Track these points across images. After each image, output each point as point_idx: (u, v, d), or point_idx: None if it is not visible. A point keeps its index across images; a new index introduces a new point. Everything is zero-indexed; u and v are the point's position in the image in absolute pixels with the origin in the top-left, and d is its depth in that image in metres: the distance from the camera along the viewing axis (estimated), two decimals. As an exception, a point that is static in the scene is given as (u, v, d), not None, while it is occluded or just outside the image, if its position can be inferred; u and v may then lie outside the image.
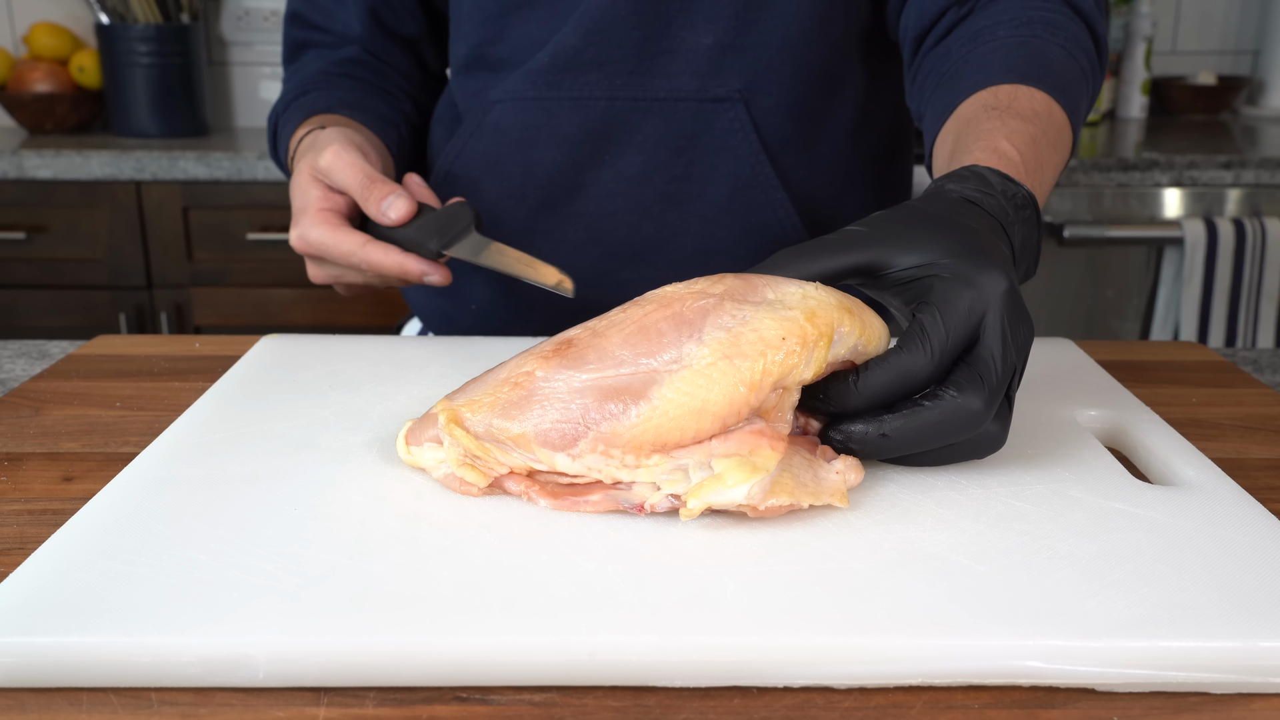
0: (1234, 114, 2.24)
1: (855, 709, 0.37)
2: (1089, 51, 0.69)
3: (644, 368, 0.46)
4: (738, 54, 0.77)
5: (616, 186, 0.80)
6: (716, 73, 0.77)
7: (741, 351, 0.46)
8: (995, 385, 0.46)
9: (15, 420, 0.61)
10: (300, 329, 1.81)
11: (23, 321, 1.84)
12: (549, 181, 0.81)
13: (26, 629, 0.38)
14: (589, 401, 0.46)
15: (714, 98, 0.78)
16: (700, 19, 0.76)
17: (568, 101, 0.79)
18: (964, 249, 0.48)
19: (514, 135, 0.81)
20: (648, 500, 0.46)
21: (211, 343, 0.75)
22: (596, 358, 0.47)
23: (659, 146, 0.79)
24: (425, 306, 0.91)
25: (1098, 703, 0.37)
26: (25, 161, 1.77)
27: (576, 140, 0.80)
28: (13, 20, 2.14)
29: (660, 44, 0.77)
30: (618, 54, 0.77)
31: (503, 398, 0.48)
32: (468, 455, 0.48)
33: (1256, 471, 0.55)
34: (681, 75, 0.78)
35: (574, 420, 0.46)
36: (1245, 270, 1.69)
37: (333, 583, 0.41)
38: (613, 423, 0.46)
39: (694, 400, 0.45)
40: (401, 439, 0.51)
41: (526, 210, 0.82)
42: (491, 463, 0.48)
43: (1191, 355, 0.74)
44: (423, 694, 0.37)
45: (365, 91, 0.86)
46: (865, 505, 0.47)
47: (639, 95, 0.78)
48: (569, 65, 0.78)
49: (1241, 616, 0.39)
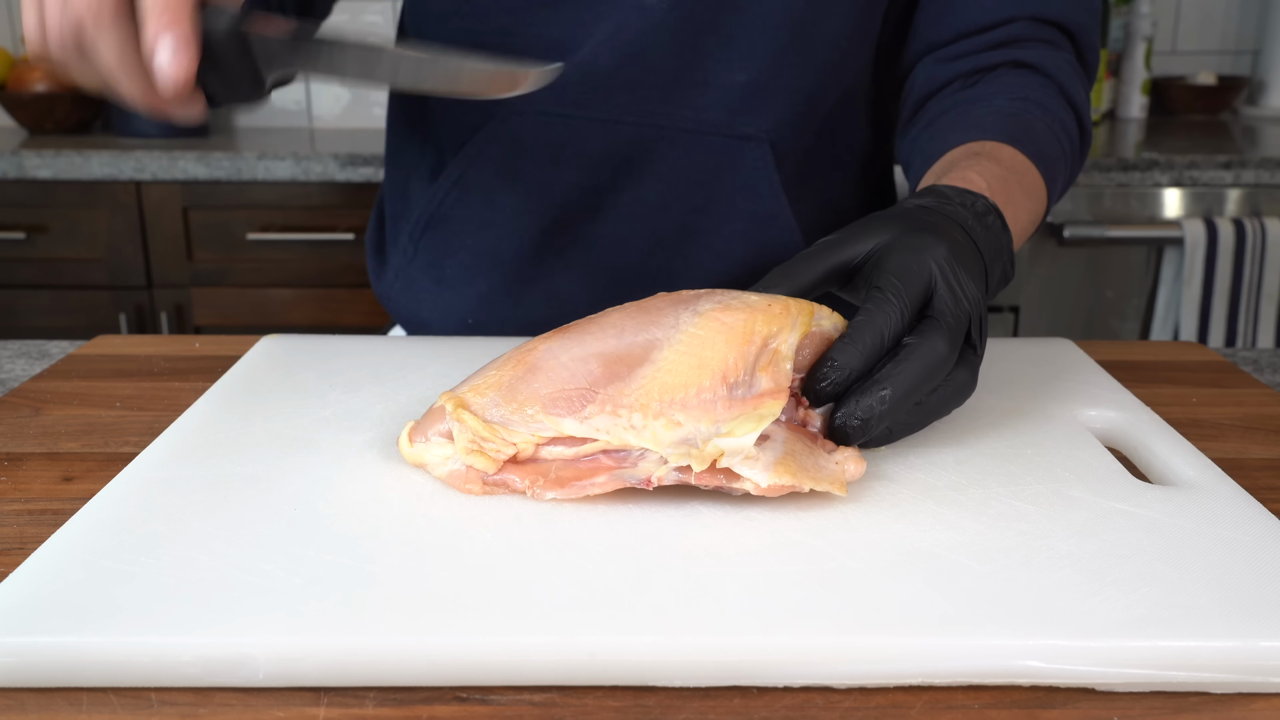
0: (1234, 114, 2.24)
1: (855, 709, 0.37)
2: (1073, 139, 0.75)
3: (645, 336, 0.50)
4: (770, 95, 0.77)
5: (634, 211, 0.80)
6: (746, 111, 0.77)
7: (732, 311, 0.50)
8: (953, 326, 0.51)
9: (15, 420, 0.61)
10: (300, 329, 1.81)
11: (23, 321, 1.84)
12: (566, 201, 0.80)
13: (26, 629, 0.38)
14: (593, 368, 0.48)
15: (741, 135, 0.78)
16: (736, 56, 0.76)
17: (594, 122, 0.78)
18: (908, 228, 0.55)
19: (536, 150, 0.79)
20: (654, 474, 0.46)
21: (211, 343, 0.75)
22: (598, 330, 0.51)
23: (681, 177, 0.79)
24: (408, 317, 0.90)
25: (1098, 703, 0.37)
26: (25, 161, 1.77)
27: (599, 162, 0.78)
28: (13, 20, 2.14)
29: (694, 75, 0.76)
30: (650, 80, 0.76)
31: (506, 376, 0.49)
32: (475, 440, 0.48)
33: (1256, 471, 0.55)
34: (711, 109, 0.77)
35: (580, 386, 0.48)
36: (1245, 270, 1.69)
37: (333, 583, 0.41)
38: (619, 384, 0.48)
39: (692, 357, 0.48)
40: (405, 436, 0.50)
41: (540, 226, 0.81)
42: (499, 444, 0.47)
43: (1191, 355, 0.74)
44: (423, 694, 0.37)
45: None
46: (865, 505, 0.47)
47: (666, 124, 0.77)
48: (599, 85, 0.77)
49: (1241, 616, 0.39)
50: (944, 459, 0.52)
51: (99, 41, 0.52)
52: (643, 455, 0.47)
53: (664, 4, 0.74)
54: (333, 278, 1.84)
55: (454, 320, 0.86)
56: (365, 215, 1.81)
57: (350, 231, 1.81)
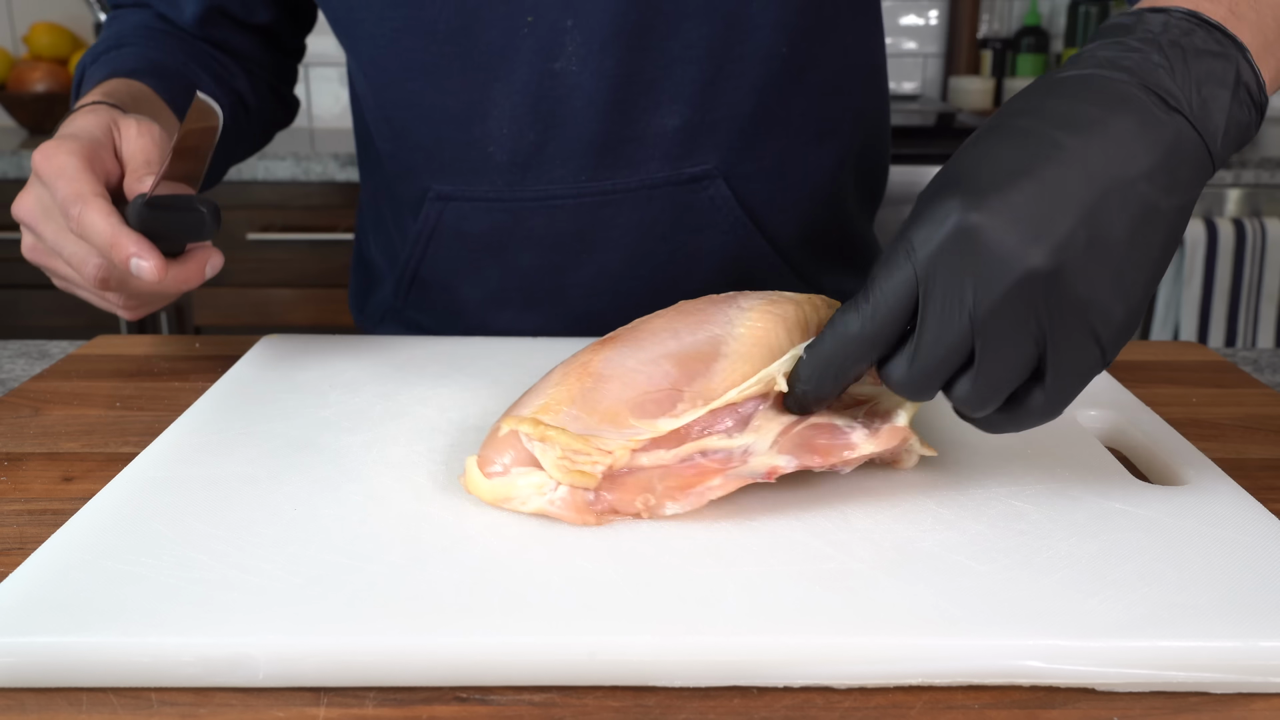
0: (1234, 114, 2.24)
1: (855, 709, 0.37)
2: None
3: (704, 333, 0.50)
4: (710, 130, 0.71)
5: (601, 284, 0.75)
6: (689, 154, 0.72)
7: (779, 304, 0.52)
8: (924, 363, 0.41)
9: (15, 420, 0.61)
10: (300, 329, 1.81)
11: (23, 321, 1.84)
12: (530, 284, 0.76)
13: (26, 629, 0.38)
14: (669, 368, 0.48)
15: (690, 179, 0.72)
16: (664, 100, 0.70)
17: (533, 203, 0.73)
18: (936, 182, 0.42)
19: (483, 239, 0.75)
20: (772, 463, 0.46)
21: (211, 343, 0.75)
22: (650, 338, 0.50)
23: (640, 237, 0.74)
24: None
25: (1098, 703, 0.37)
26: (25, 161, 1.77)
27: (550, 242, 0.74)
28: (13, 20, 2.14)
29: (624, 132, 0.70)
30: (580, 148, 0.71)
31: (574, 390, 0.47)
32: (566, 457, 0.45)
33: (1256, 471, 0.55)
34: (652, 161, 0.71)
35: (663, 387, 0.47)
36: (1245, 270, 1.69)
37: (333, 583, 0.41)
38: (702, 380, 0.48)
39: (760, 347, 0.49)
40: (473, 473, 0.46)
41: (513, 310, 0.78)
42: (594, 455, 0.45)
43: (1191, 355, 0.74)
44: (423, 694, 0.37)
45: (190, 58, 0.76)
46: (865, 505, 0.47)
47: (608, 189, 0.72)
48: (529, 163, 0.72)
49: (1241, 616, 0.39)
50: (944, 459, 0.52)
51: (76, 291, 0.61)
52: (745, 451, 0.46)
53: (573, 65, 0.69)
54: (333, 278, 1.84)
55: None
56: (365, 215, 1.80)
57: (350, 231, 1.80)
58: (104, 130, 0.60)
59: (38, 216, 0.58)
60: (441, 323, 0.83)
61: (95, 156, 0.58)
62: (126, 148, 0.60)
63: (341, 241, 1.81)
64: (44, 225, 0.58)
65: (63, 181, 0.56)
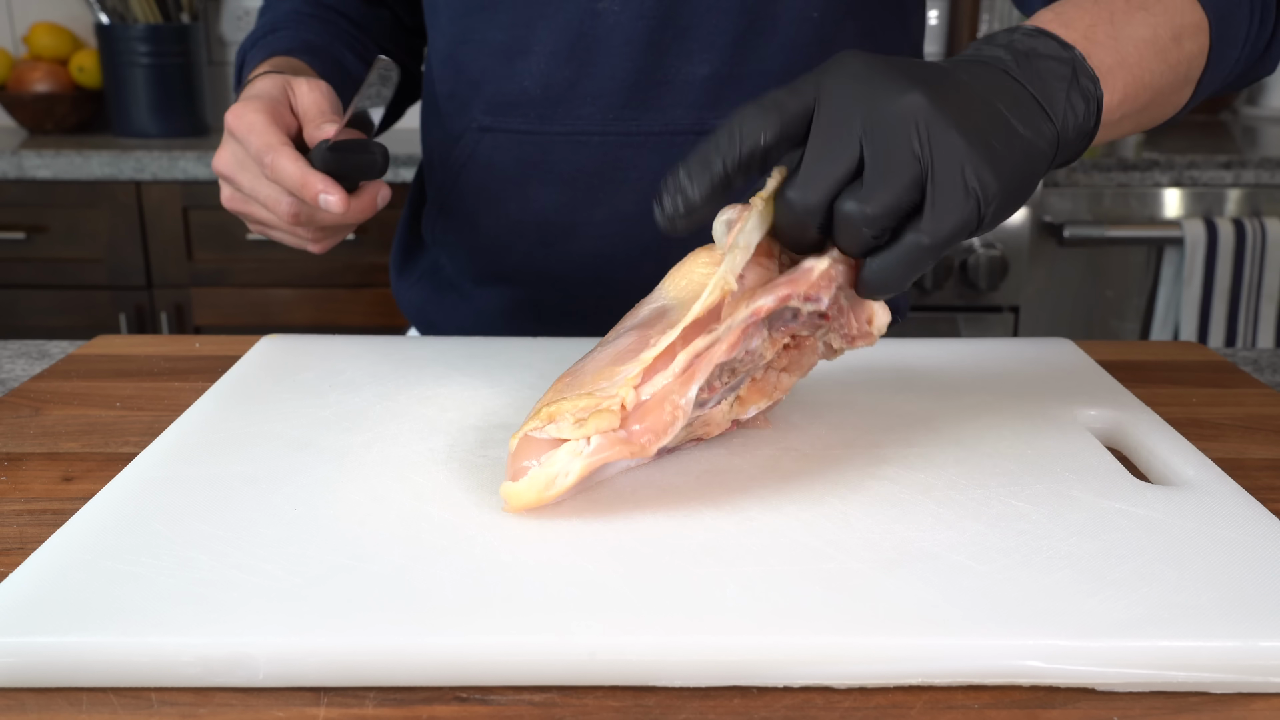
0: (1234, 114, 2.24)
1: (855, 709, 0.37)
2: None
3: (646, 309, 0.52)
4: (736, 84, 0.74)
5: (613, 228, 0.78)
6: (714, 105, 0.75)
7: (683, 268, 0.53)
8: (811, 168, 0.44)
9: (15, 420, 0.61)
10: (300, 329, 1.81)
11: (23, 321, 1.84)
12: (545, 221, 0.79)
13: (26, 629, 0.38)
14: (632, 334, 0.50)
15: (711, 130, 0.75)
16: (696, 48, 0.73)
17: (560, 137, 0.76)
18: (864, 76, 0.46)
19: (509, 171, 0.79)
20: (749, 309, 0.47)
21: (211, 343, 0.75)
22: (611, 335, 0.52)
23: (656, 183, 0.74)
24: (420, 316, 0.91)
25: (1098, 703, 0.37)
26: (25, 161, 1.77)
27: (570, 178, 0.77)
28: (13, 20, 2.14)
29: (654, 75, 0.74)
30: (611, 86, 0.74)
31: (559, 386, 0.49)
32: (578, 416, 0.45)
33: (1256, 471, 0.55)
34: (677, 108, 0.75)
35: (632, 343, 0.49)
36: (1245, 270, 1.69)
37: (333, 583, 0.41)
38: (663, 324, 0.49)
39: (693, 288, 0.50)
40: (511, 487, 0.46)
41: (526, 246, 0.81)
42: (603, 401, 0.45)
43: (1191, 355, 0.74)
44: (423, 694, 0.37)
45: (334, 38, 0.83)
46: (865, 505, 0.47)
47: (633, 130, 0.75)
48: (561, 97, 0.75)
49: (1241, 616, 0.39)
50: (944, 459, 0.52)
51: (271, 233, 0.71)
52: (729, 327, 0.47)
53: (615, 5, 0.73)
54: (333, 278, 1.84)
55: (453, 328, 0.87)
56: (365, 215, 1.80)
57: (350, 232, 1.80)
58: (280, 90, 0.68)
59: (234, 168, 0.66)
60: (459, 263, 0.86)
61: (277, 113, 0.66)
62: (300, 103, 0.68)
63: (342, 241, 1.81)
64: (240, 175, 0.66)
65: (254, 135, 0.64)
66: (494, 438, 0.55)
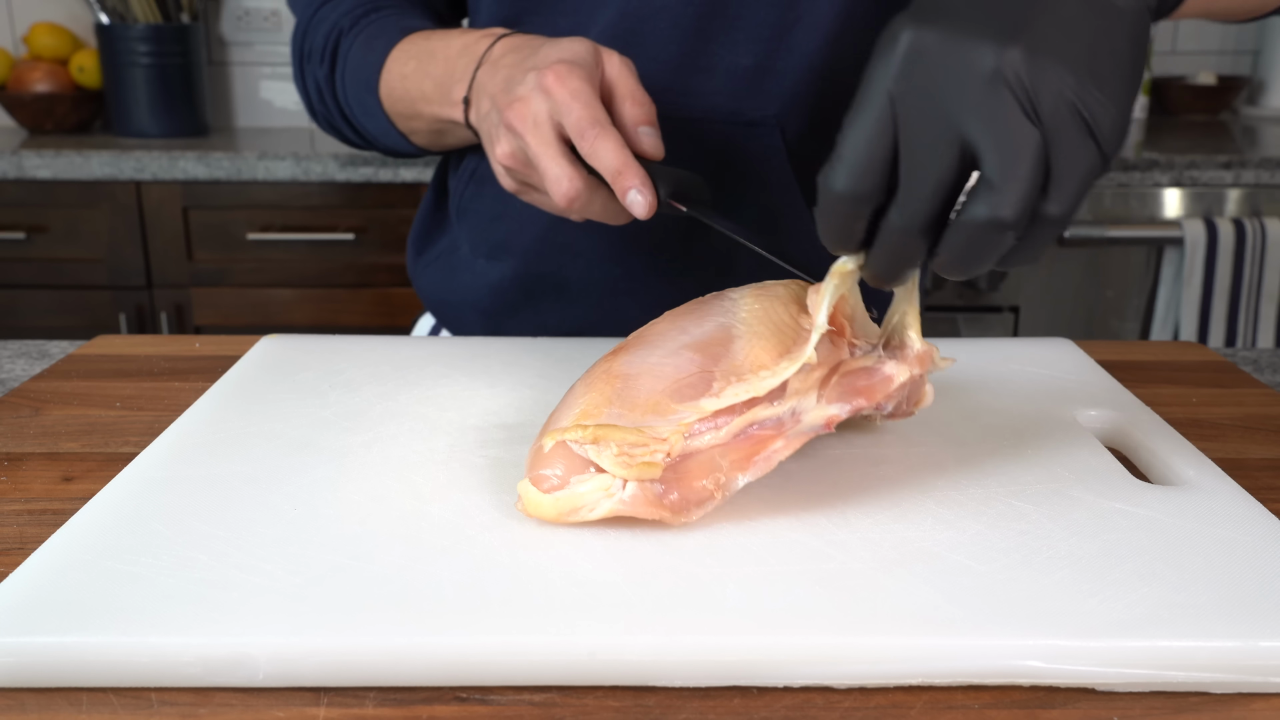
0: (1234, 114, 2.24)
1: (855, 709, 0.37)
2: None
3: (711, 323, 0.50)
4: (777, 76, 0.75)
5: None
6: (753, 95, 0.75)
7: (765, 287, 0.53)
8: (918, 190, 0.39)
9: (15, 420, 0.61)
10: (300, 329, 1.81)
11: (23, 321, 1.84)
12: None
13: (26, 629, 0.38)
14: (691, 356, 0.48)
15: (748, 121, 0.76)
16: (741, 38, 0.74)
17: None
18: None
19: None
20: (827, 414, 0.47)
21: (211, 343, 0.75)
22: (660, 338, 0.50)
23: (689, 169, 0.76)
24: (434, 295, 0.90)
25: (1098, 703, 0.37)
26: (25, 161, 1.77)
27: None
28: (13, 20, 2.14)
29: (699, 61, 0.75)
30: (654, 69, 0.74)
31: (607, 393, 0.47)
32: (623, 453, 0.44)
33: (1256, 471, 0.55)
34: (717, 95, 0.75)
35: (693, 372, 0.47)
36: (1245, 270, 1.69)
37: (333, 583, 0.41)
38: (727, 360, 0.48)
39: (765, 324, 0.49)
40: (529, 492, 0.45)
41: (550, 221, 0.81)
42: (651, 445, 0.44)
43: (1191, 355, 0.74)
44: (423, 694, 0.37)
45: (421, 17, 0.82)
46: (865, 505, 0.47)
47: (672, 114, 0.75)
48: None
49: (1241, 616, 0.39)
50: (944, 459, 0.52)
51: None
52: (795, 412, 0.47)
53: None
54: (333, 278, 1.84)
55: (467, 306, 0.86)
56: (365, 215, 1.81)
57: (350, 231, 1.81)
58: (594, 58, 0.63)
59: (529, 126, 0.61)
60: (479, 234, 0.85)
61: (596, 85, 0.61)
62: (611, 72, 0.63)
63: (341, 241, 1.81)
64: (532, 135, 0.60)
65: (579, 104, 0.59)
66: (494, 438, 0.55)
